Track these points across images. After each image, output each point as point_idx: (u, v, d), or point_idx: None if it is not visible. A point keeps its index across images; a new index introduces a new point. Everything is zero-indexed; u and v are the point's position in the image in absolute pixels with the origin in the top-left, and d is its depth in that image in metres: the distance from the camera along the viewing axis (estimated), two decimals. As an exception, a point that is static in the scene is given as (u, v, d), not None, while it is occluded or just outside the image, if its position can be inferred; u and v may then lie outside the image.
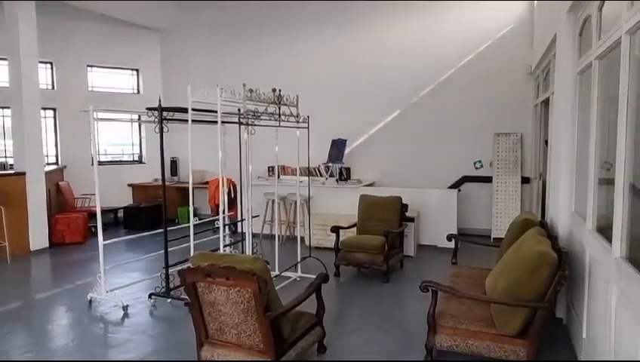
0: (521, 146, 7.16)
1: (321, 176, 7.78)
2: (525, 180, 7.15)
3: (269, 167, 8.29)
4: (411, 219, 6.19)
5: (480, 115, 7.40)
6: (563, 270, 3.06)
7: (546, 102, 5.62)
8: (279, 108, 4.93)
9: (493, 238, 6.97)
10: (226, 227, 6.18)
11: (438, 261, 5.99)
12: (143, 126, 9.48)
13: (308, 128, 5.35)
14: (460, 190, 7.12)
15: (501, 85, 7.27)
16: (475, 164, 7.51)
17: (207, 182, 8.29)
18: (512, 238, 4.03)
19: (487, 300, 3.27)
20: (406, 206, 5.73)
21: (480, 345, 3.13)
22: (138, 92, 9.69)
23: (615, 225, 2.45)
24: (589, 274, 3.11)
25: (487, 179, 7.35)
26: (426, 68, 7.68)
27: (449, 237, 4.86)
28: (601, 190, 3.06)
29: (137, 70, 9.66)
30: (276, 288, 3.10)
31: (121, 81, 9.58)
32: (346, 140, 7.73)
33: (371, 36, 8.01)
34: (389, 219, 5.57)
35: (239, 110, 4.73)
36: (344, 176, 7.70)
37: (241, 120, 4.87)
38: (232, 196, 6.99)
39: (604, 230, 2.85)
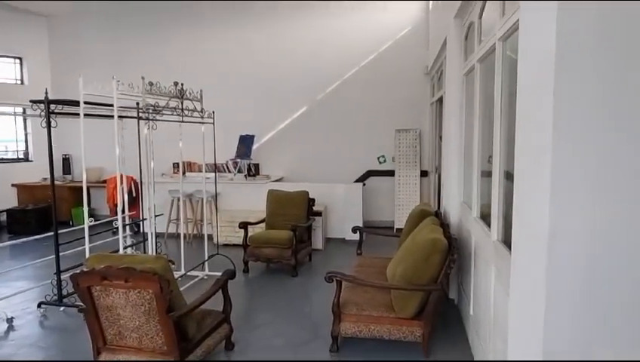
0: (419, 142, 7.64)
1: (229, 172, 7.67)
2: (424, 173, 7.65)
3: (174, 164, 7.99)
4: (319, 213, 6.34)
5: (382, 111, 7.78)
6: (452, 254, 3.35)
7: (440, 101, 6.06)
8: (182, 103, 4.78)
9: (396, 229, 7.38)
10: (127, 227, 5.86)
11: (345, 253, 6.21)
12: (28, 120, 8.62)
13: (213, 124, 5.25)
14: (364, 184, 7.44)
15: (401, 84, 7.70)
16: (379, 158, 7.88)
17: (105, 181, 7.77)
18: (410, 228, 4.31)
19: (386, 286, 3.48)
20: (313, 200, 5.86)
21: (381, 329, 3.33)
22: (22, 82, 8.80)
23: (493, 211, 2.74)
24: (475, 257, 3.43)
25: (390, 173, 7.75)
26: (331, 66, 7.89)
27: (354, 230, 5.07)
28: (484, 181, 3.38)
29: (21, 59, 8.76)
30: (183, 288, 3.03)
31: (2, 71, 8.62)
32: (253, 136, 7.70)
33: (278, 33, 8.04)
34: (296, 213, 5.66)
35: (138, 104, 4.50)
36: (253, 171, 7.67)
37: (141, 114, 4.64)
38: (134, 195, 6.63)
39: (486, 217, 3.16)
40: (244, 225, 5.41)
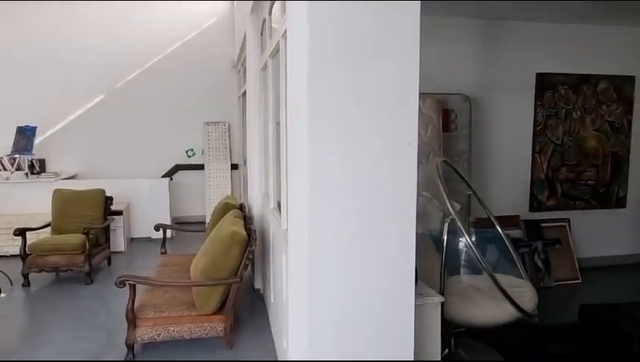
0: (229, 135, 7.63)
1: (5, 170, 6.48)
2: (235, 167, 7.68)
3: None
4: (119, 213, 5.82)
5: (190, 103, 7.51)
6: (251, 246, 3.43)
7: (245, 94, 6.13)
8: None
9: (208, 224, 7.25)
10: None
11: (152, 253, 5.83)
12: None
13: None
14: (172, 179, 7.11)
15: (209, 75, 7.54)
16: (187, 152, 7.61)
17: None
18: (214, 222, 4.27)
19: (183, 284, 3.38)
20: (111, 198, 5.35)
21: (181, 329, 3.21)
22: None
23: (282, 202, 2.88)
24: (272, 247, 3.57)
25: (200, 167, 7.57)
26: (131, 52, 7.27)
27: (157, 227, 4.80)
28: (279, 174, 3.53)
29: None
30: None
31: None
32: (35, 127, 6.63)
33: (66, 12, 7.04)
34: (90, 214, 5.09)
35: None
36: (36, 169, 6.62)
37: None
38: None
39: (281, 207, 3.31)
40: (21, 232, 4.63)
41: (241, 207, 4.40)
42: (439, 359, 2.44)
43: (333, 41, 1.54)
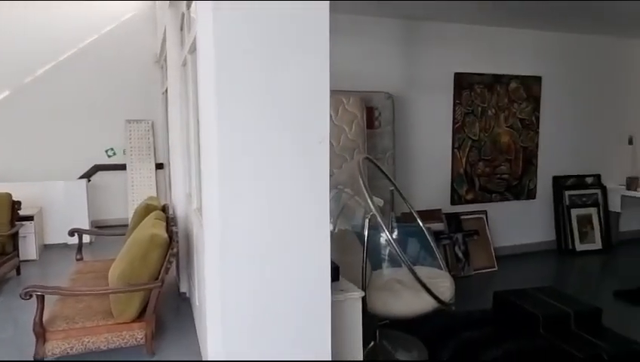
0: (153, 133, 7.32)
1: None
2: (160, 166, 7.38)
3: None
4: (29, 218, 5.39)
5: (110, 100, 7.10)
6: (172, 248, 3.30)
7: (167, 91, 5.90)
8: None
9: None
10: None
11: (67, 260, 5.45)
12: None
13: None
14: (90, 180, 6.70)
15: (130, 71, 7.17)
16: (107, 152, 7.20)
17: None
18: (134, 225, 4.07)
19: (97, 292, 3.19)
20: (19, 203, 4.94)
21: (97, 340, 3.03)
22: None
23: (202, 202, 2.80)
24: (196, 248, 3.46)
25: (122, 167, 7.19)
26: (40, 45, 6.74)
27: (71, 232, 4.50)
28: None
29: None
30: None
31: None
32: None
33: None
34: (-5, 220, 4.67)
35: None
36: None
37: None
38: None
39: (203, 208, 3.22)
40: None
41: (164, 208, 4.24)
42: (361, 353, 2.48)
43: (239, 39, 1.50)
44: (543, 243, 6.07)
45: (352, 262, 3.09)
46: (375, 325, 3.43)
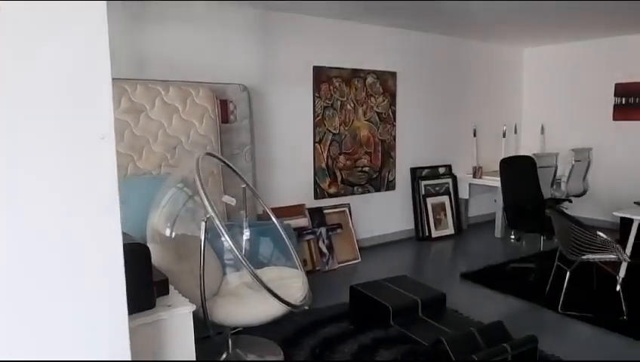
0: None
1: None
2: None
3: None
4: None
5: None
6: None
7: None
8: None
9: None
10: None
11: None
12: None
13: None
14: None
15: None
16: None
17: None
18: None
19: None
20: None
21: None
22: None
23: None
24: None
25: None
26: None
27: None
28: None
29: None
30: None
31: None
32: None
33: None
34: None
35: None
36: None
37: None
38: None
39: None
40: None
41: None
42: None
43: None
44: (403, 232, 6.36)
45: (194, 269, 2.81)
46: (227, 334, 3.20)
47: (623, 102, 6.55)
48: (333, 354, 3.29)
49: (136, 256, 1.98)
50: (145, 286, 2.05)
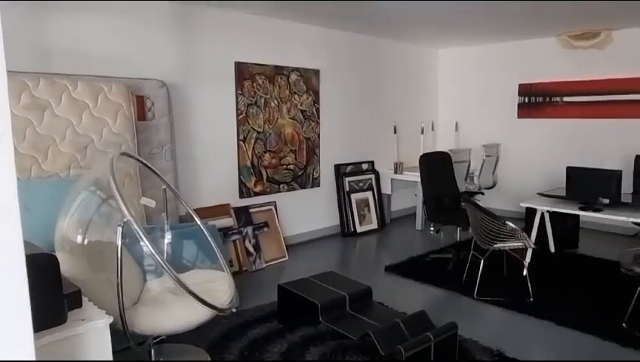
0: None
1: None
2: None
3: None
4: None
5: None
6: None
7: None
8: None
9: None
10: None
11: None
12: None
13: None
14: None
15: None
16: None
17: None
18: None
19: None
20: None
21: None
22: None
23: None
24: None
25: None
26: None
27: None
28: None
29: None
30: None
31: None
32: None
33: None
34: None
35: None
36: None
37: None
38: None
39: None
40: None
41: None
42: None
43: None
44: (329, 228, 6.44)
45: (111, 278, 2.63)
46: (149, 344, 3.03)
47: (526, 101, 7.12)
48: (262, 355, 3.24)
49: (41, 267, 1.81)
50: (54, 299, 1.87)
